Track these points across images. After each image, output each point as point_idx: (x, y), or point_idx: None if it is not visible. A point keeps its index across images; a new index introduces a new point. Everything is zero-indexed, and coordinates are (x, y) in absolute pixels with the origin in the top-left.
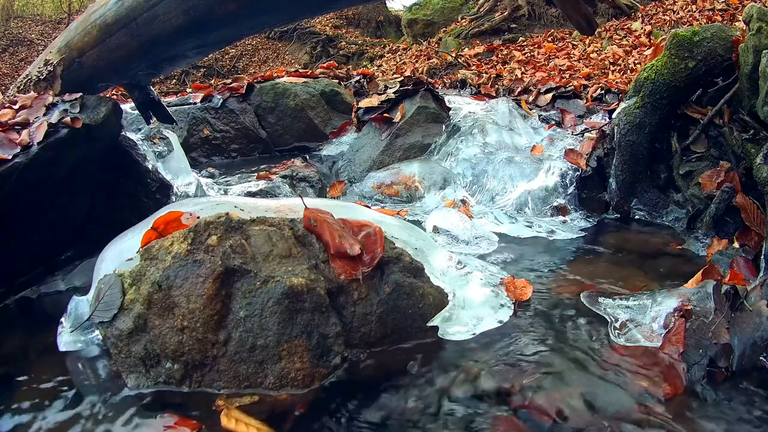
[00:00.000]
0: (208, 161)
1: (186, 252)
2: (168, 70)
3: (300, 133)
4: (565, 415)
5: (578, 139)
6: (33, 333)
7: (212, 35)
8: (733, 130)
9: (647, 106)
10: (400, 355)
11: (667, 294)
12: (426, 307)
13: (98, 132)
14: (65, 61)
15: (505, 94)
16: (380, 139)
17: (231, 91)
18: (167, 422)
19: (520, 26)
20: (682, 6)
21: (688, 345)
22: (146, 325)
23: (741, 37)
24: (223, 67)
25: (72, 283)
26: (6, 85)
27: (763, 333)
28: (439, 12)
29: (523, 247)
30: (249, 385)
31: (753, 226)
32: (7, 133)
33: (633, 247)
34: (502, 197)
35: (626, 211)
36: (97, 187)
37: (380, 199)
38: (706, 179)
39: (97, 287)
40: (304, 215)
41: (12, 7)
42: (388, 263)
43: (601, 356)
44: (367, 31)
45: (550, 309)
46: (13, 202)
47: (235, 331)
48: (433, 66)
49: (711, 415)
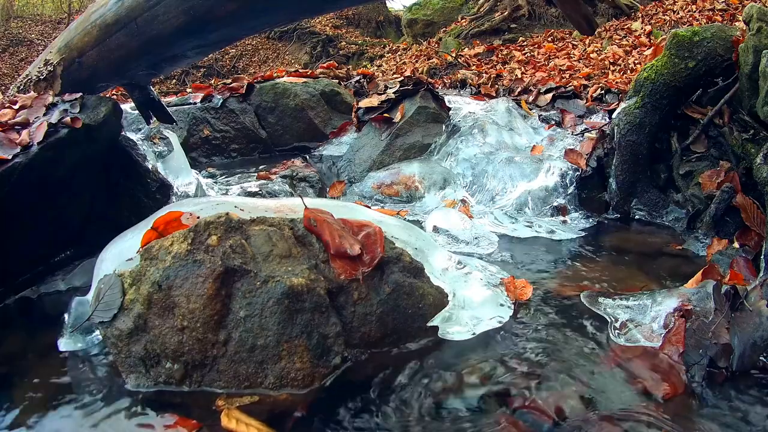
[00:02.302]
0: (208, 161)
1: (186, 252)
2: (168, 71)
3: (300, 133)
4: (565, 415)
5: (578, 139)
6: (33, 333)
7: (212, 35)
8: (733, 130)
9: (647, 106)
10: (400, 355)
11: (667, 294)
12: (426, 307)
13: (98, 132)
14: (65, 61)
15: (505, 94)
16: (380, 139)
17: (231, 91)
18: (167, 422)
19: (520, 26)
20: (682, 6)
21: (688, 345)
22: (146, 325)
23: (741, 37)
24: (223, 67)
25: (72, 283)
26: (6, 85)
27: (763, 333)
28: (439, 12)
29: (523, 247)
30: (249, 385)
31: (753, 226)
32: (7, 133)
33: (633, 247)
34: (502, 197)
35: (626, 211)
36: (97, 187)
37: (380, 199)
38: (706, 179)
39: (97, 287)
40: (304, 215)
41: (12, 7)
42: (388, 263)
43: (601, 356)
44: (367, 31)
45: (550, 309)
46: (13, 202)
47: (235, 331)
48: (433, 66)
49: (711, 415)
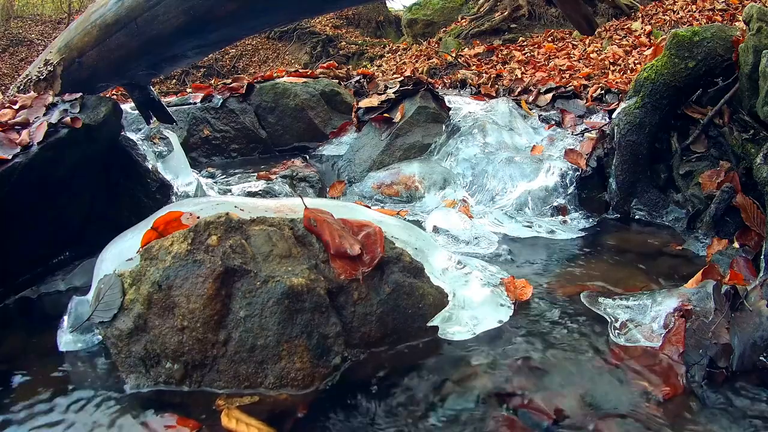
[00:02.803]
0: (208, 161)
1: (186, 252)
2: (168, 71)
3: (300, 133)
4: (565, 415)
5: (578, 139)
6: (33, 333)
7: (212, 35)
8: (733, 130)
9: (647, 106)
10: (400, 355)
11: (667, 294)
12: (426, 307)
13: (98, 132)
14: (65, 61)
15: (505, 94)
16: (380, 139)
17: (231, 91)
18: (167, 422)
19: (520, 26)
20: (682, 6)
21: (688, 345)
22: (146, 325)
23: (741, 37)
24: (223, 67)
25: (72, 283)
26: (6, 85)
27: (763, 333)
28: (439, 12)
29: (523, 247)
30: (249, 385)
31: (753, 226)
32: (7, 133)
33: (633, 247)
34: (502, 197)
35: (626, 211)
36: (97, 187)
37: (380, 199)
38: (706, 179)
39: (97, 287)
40: (304, 215)
41: (12, 7)
42: (388, 263)
43: (601, 356)
44: (367, 31)
45: (550, 309)
46: (13, 202)
47: (235, 331)
48: (433, 66)
49: (711, 415)
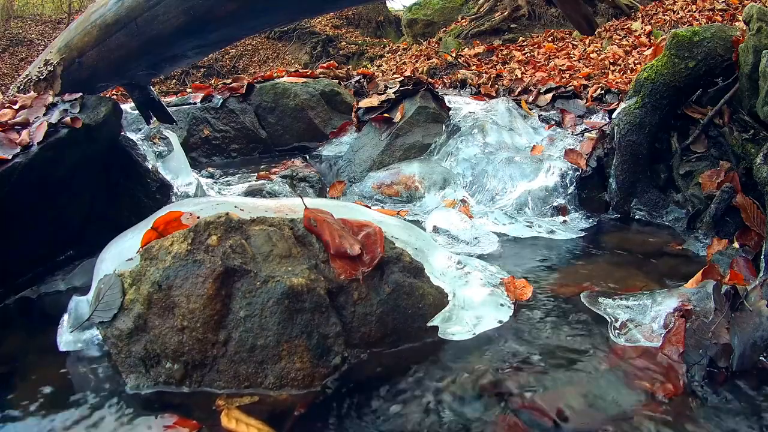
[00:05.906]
0: (208, 161)
1: (186, 252)
2: (168, 70)
3: (300, 133)
4: (565, 415)
5: (578, 139)
6: (33, 333)
7: (212, 35)
8: (733, 130)
9: (647, 106)
10: (400, 355)
11: (667, 294)
12: (426, 307)
13: (98, 132)
14: (65, 61)
15: (505, 94)
16: (380, 139)
17: (231, 91)
18: (167, 422)
19: (520, 26)
20: (682, 6)
21: (688, 345)
22: (146, 325)
23: (741, 37)
24: (223, 67)
25: (72, 283)
26: (6, 85)
27: (763, 333)
28: (439, 12)
29: (523, 247)
30: (249, 385)
31: (753, 226)
32: (7, 133)
33: (633, 247)
34: (502, 197)
35: (626, 211)
36: (97, 187)
37: (380, 199)
38: (706, 179)
39: (97, 287)
40: (304, 215)
41: (12, 7)
42: (388, 263)
43: (601, 356)
44: (367, 31)
45: (550, 309)
46: (13, 202)
47: (235, 331)
48: (433, 66)
49: (711, 415)
